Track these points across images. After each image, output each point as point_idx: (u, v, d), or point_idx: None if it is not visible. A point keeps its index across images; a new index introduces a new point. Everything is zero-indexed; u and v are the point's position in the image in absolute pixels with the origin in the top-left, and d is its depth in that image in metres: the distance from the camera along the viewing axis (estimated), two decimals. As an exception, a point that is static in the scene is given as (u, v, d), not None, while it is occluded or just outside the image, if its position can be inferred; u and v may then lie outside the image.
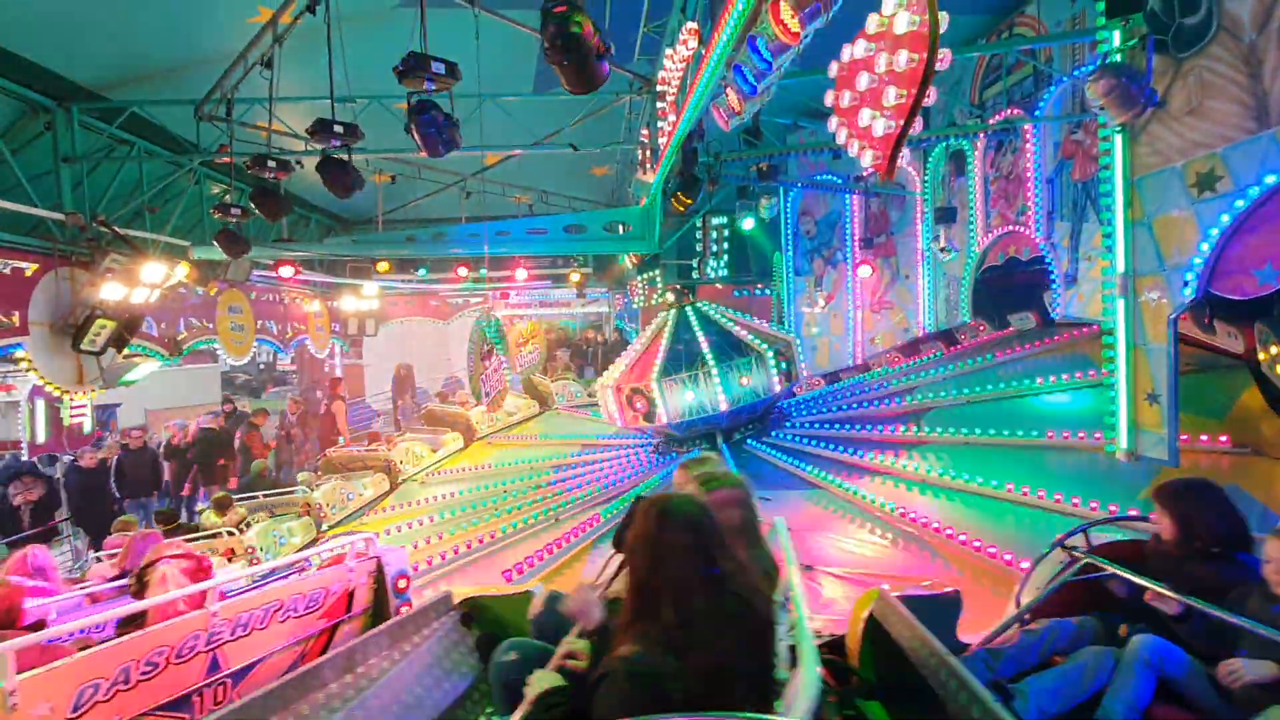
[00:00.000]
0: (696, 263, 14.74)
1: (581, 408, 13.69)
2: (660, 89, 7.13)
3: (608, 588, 2.42)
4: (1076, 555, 3.09)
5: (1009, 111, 8.49)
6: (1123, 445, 5.43)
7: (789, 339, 9.99)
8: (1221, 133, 4.78)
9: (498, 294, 17.34)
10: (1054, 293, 8.18)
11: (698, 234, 14.58)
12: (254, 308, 12.83)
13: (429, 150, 5.42)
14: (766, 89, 4.32)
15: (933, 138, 9.22)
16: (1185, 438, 5.38)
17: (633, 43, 8.11)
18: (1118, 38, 5.28)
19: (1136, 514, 3.53)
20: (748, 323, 9.95)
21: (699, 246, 14.68)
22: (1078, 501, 5.64)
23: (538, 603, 2.85)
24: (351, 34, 5.68)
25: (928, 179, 10.51)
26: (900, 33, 2.96)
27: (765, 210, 11.03)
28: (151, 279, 8.27)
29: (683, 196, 7.38)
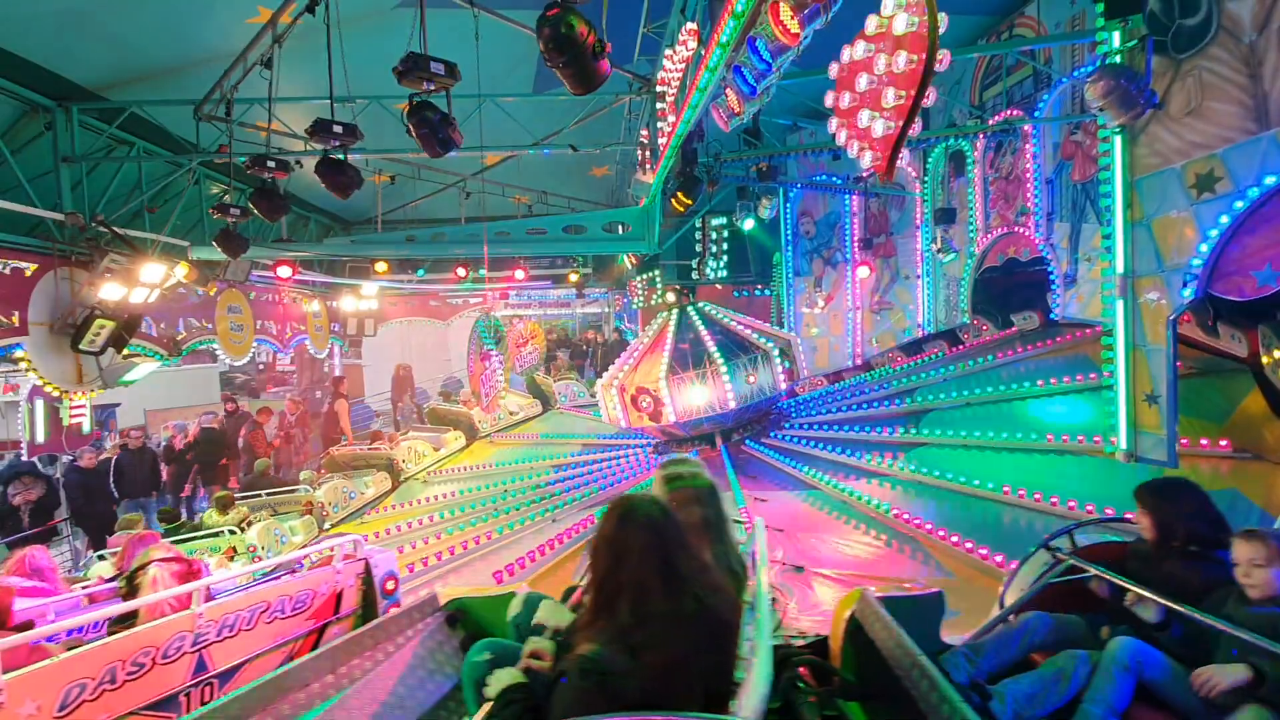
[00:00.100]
0: (696, 263, 14.74)
1: (583, 407, 13.67)
2: (660, 89, 7.13)
3: (586, 589, 2.43)
4: (1060, 556, 3.09)
5: (1008, 112, 8.50)
6: (1122, 446, 5.43)
7: (790, 337, 9.97)
8: (1221, 134, 4.78)
9: (497, 294, 17.34)
10: (1054, 293, 8.19)
11: (697, 234, 14.59)
12: (253, 308, 12.81)
13: (428, 150, 5.41)
14: (766, 90, 4.33)
15: (932, 138, 9.23)
16: (1185, 442, 5.36)
17: (633, 43, 8.13)
18: (1117, 39, 5.27)
19: (1128, 515, 3.52)
20: (749, 321, 9.94)
21: (698, 247, 14.69)
22: (1074, 504, 5.63)
23: (516, 604, 2.85)
24: (351, 34, 5.68)
25: (927, 180, 10.52)
26: (899, 34, 2.97)
27: (765, 211, 11.02)
28: (150, 279, 8.27)
29: (682, 197, 7.38)
